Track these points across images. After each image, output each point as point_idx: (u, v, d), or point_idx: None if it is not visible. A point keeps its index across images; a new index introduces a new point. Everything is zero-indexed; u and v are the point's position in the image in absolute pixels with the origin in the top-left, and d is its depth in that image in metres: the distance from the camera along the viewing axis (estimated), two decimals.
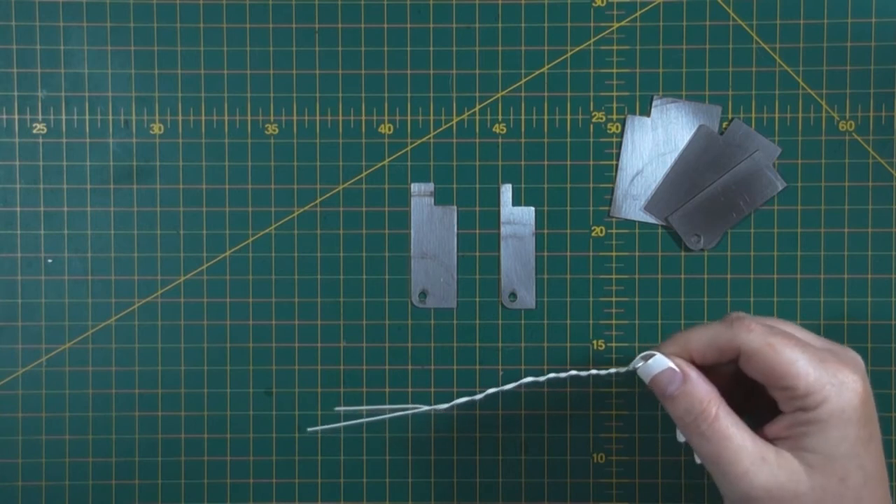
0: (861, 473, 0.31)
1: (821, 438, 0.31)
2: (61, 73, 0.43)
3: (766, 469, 0.31)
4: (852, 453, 0.30)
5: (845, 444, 0.30)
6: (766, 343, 0.31)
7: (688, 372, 0.33)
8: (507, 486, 0.43)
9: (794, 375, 0.31)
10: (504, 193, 0.43)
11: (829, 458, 0.31)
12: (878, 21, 0.43)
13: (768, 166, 0.43)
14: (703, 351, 0.33)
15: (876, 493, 0.31)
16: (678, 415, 0.32)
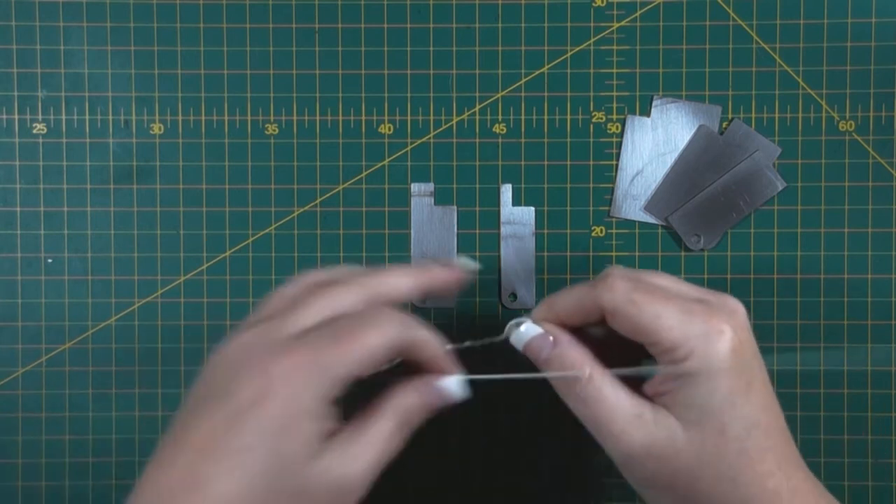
0: (741, 424, 0.30)
1: (691, 391, 0.30)
2: (61, 73, 0.43)
3: (642, 427, 0.31)
4: (727, 404, 0.30)
5: (717, 396, 0.30)
6: (628, 300, 0.31)
7: (558, 336, 0.33)
8: (506, 486, 0.43)
9: (657, 330, 0.30)
10: (504, 193, 0.43)
11: (703, 411, 0.30)
12: (878, 21, 0.43)
13: (768, 166, 0.43)
14: (571, 313, 0.33)
15: (763, 443, 0.30)
16: (553, 379, 0.32)
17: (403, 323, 0.31)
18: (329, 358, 0.29)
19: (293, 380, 0.29)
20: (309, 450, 0.29)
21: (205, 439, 0.29)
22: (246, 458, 0.28)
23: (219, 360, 0.30)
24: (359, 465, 0.30)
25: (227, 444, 0.29)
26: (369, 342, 0.29)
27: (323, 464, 0.29)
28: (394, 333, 0.30)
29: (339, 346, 0.29)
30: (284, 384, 0.29)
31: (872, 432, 0.43)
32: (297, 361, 0.29)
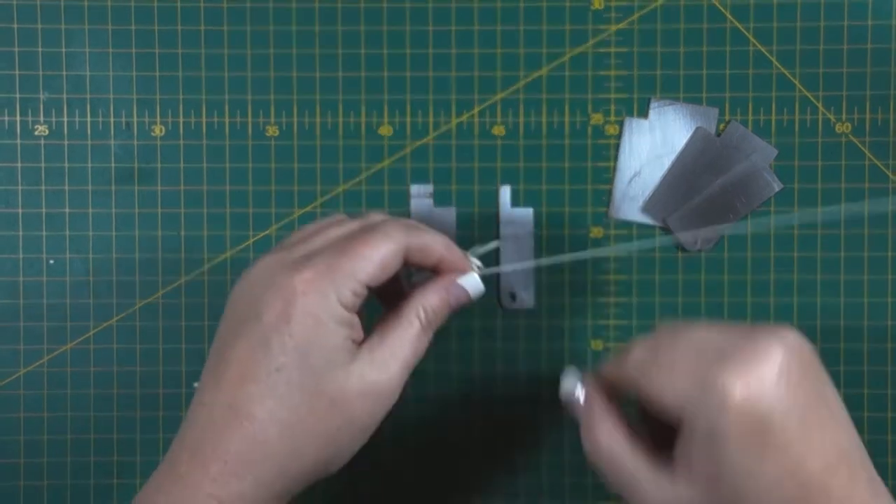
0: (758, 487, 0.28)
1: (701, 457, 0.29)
2: (63, 75, 0.43)
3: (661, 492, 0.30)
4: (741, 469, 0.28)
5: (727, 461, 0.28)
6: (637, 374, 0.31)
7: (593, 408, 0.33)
8: (506, 485, 0.44)
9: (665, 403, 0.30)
10: (503, 195, 0.43)
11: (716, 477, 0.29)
12: (875, 24, 0.43)
13: (765, 168, 0.43)
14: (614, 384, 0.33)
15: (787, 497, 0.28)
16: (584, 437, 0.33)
17: (409, 228, 0.32)
18: (343, 267, 0.31)
19: (311, 293, 0.30)
20: (339, 358, 0.31)
21: (239, 368, 0.31)
22: (279, 378, 0.30)
23: (243, 286, 0.32)
24: (391, 370, 0.31)
25: (259, 367, 0.30)
26: (378, 248, 0.31)
27: (356, 371, 0.31)
28: (401, 238, 0.32)
29: (350, 255, 0.31)
30: (304, 299, 0.30)
31: (869, 432, 0.43)
32: (313, 275, 0.30)
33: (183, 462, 0.31)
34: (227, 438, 0.30)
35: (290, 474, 0.31)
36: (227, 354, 0.31)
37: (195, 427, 0.31)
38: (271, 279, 0.31)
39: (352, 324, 0.31)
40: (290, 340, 0.30)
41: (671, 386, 0.30)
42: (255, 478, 0.30)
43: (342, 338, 0.31)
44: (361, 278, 0.31)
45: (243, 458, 0.30)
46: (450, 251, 0.34)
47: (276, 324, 0.30)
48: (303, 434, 0.31)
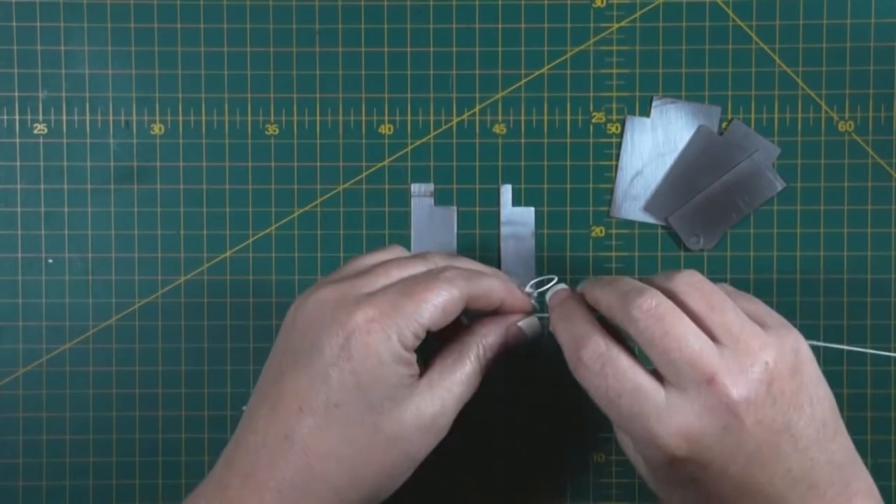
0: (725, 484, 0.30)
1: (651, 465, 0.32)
2: (62, 73, 0.43)
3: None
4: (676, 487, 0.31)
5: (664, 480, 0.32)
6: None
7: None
8: (506, 485, 0.43)
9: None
10: (504, 194, 0.43)
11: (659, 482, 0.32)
12: (878, 22, 0.43)
13: (768, 166, 0.43)
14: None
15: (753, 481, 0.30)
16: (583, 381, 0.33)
17: (471, 275, 0.33)
18: (406, 309, 0.31)
19: (374, 332, 0.31)
20: (397, 395, 0.31)
21: (297, 400, 0.31)
22: (338, 413, 0.31)
23: (300, 317, 0.32)
24: (447, 406, 0.32)
25: (318, 401, 0.31)
26: (441, 295, 0.32)
27: (413, 406, 0.31)
28: (464, 286, 0.32)
29: (415, 298, 0.31)
30: (367, 337, 0.30)
31: (872, 432, 0.43)
32: (375, 314, 0.31)
33: (234, 487, 0.31)
34: (282, 468, 0.31)
35: (347, 502, 0.32)
36: (285, 385, 0.31)
37: (247, 453, 0.31)
38: (333, 313, 0.31)
39: (410, 362, 0.32)
40: (350, 378, 0.30)
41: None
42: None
43: (401, 376, 0.31)
44: (423, 322, 0.31)
45: (299, 490, 0.31)
46: (511, 295, 0.34)
47: (337, 360, 0.31)
48: (361, 467, 0.31)
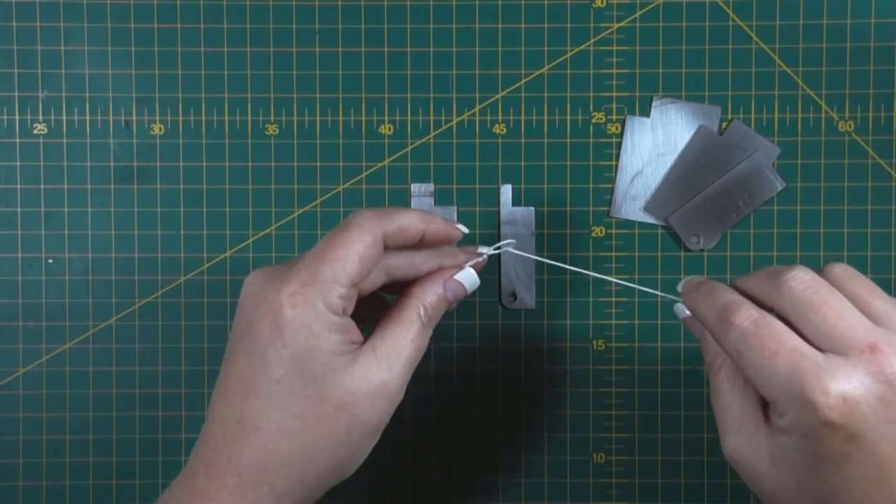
0: (819, 487, 0.29)
1: (781, 438, 0.30)
2: (62, 73, 0.43)
3: (739, 437, 0.31)
4: (810, 466, 0.29)
5: (799, 456, 0.29)
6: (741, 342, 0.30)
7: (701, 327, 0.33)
8: (507, 485, 0.43)
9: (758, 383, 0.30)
10: (504, 194, 0.43)
11: (787, 460, 0.30)
12: (877, 22, 0.43)
13: (768, 166, 0.43)
14: None
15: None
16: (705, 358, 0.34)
17: (381, 214, 0.32)
18: (323, 274, 0.31)
19: (299, 305, 0.30)
20: (338, 362, 0.31)
21: (241, 383, 0.31)
22: (280, 389, 0.31)
23: (239, 303, 0.33)
24: (395, 369, 0.32)
25: (259, 381, 0.31)
26: (353, 246, 0.31)
27: (359, 372, 0.31)
28: (373, 227, 0.32)
29: (327, 260, 0.31)
30: (293, 311, 0.30)
31: None
32: (296, 286, 0.31)
33: (200, 475, 0.31)
34: (238, 451, 0.31)
35: (307, 481, 0.31)
36: (230, 370, 0.32)
37: (209, 441, 0.32)
38: (261, 294, 0.31)
39: (346, 327, 0.31)
40: (285, 352, 0.31)
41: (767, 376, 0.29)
42: (272, 487, 0.31)
43: (337, 343, 0.31)
44: (344, 281, 0.31)
45: (257, 470, 0.31)
46: (431, 223, 0.33)
47: (270, 337, 0.31)
48: (313, 440, 0.31)
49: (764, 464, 0.30)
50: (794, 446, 0.29)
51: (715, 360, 0.33)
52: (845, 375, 0.28)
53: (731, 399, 0.32)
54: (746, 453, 0.31)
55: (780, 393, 0.29)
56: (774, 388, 0.29)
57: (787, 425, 0.29)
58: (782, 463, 0.30)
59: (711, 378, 0.33)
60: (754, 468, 0.31)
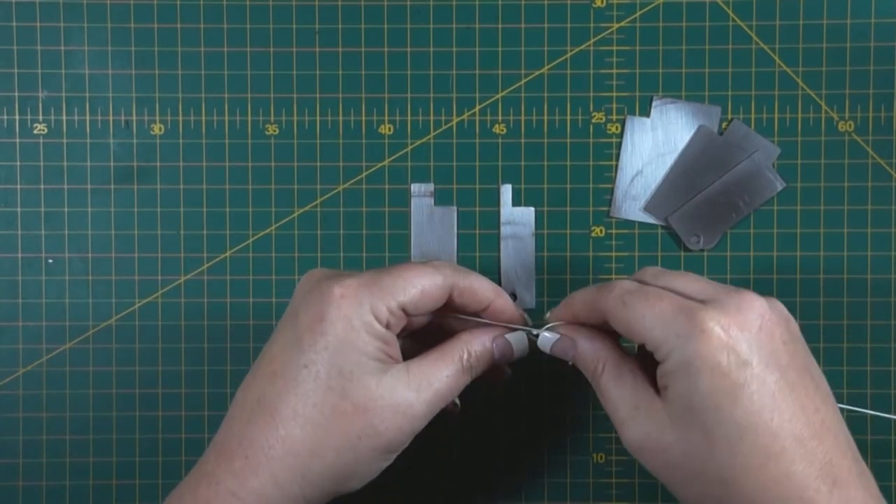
0: (731, 429, 0.29)
1: (675, 390, 0.30)
2: (62, 73, 0.43)
3: (637, 420, 0.31)
4: (710, 405, 0.29)
5: (698, 397, 0.29)
6: (620, 301, 0.32)
7: (574, 339, 0.34)
8: (507, 485, 0.43)
9: (641, 331, 0.31)
10: (504, 194, 0.43)
11: (687, 410, 0.30)
12: (878, 22, 0.43)
13: (768, 166, 0.43)
14: (585, 314, 0.34)
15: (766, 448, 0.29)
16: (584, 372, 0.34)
17: (459, 270, 0.34)
18: (384, 282, 0.32)
19: (348, 298, 0.32)
20: (368, 366, 0.32)
21: (271, 365, 0.32)
22: (307, 375, 0.31)
23: (294, 295, 0.34)
24: (423, 394, 0.32)
25: (289, 364, 0.32)
26: (422, 276, 0.33)
27: (386, 384, 0.32)
28: (448, 273, 0.33)
29: (394, 274, 0.32)
30: (340, 302, 0.32)
31: (872, 433, 0.43)
32: (353, 284, 0.32)
33: (210, 461, 0.32)
34: (250, 432, 0.31)
35: (308, 477, 0.31)
36: (264, 354, 0.33)
37: (225, 427, 0.33)
38: (316, 285, 0.33)
39: (386, 339, 0.32)
40: (321, 339, 0.31)
41: (655, 317, 0.30)
42: (273, 476, 0.31)
43: (374, 347, 0.32)
44: (400, 298, 0.32)
45: (265, 454, 0.31)
46: (500, 298, 0.35)
47: (310, 324, 0.32)
48: (324, 435, 0.31)
49: (667, 433, 0.30)
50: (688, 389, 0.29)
51: (596, 365, 0.33)
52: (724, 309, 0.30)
53: (620, 392, 0.32)
54: (650, 431, 0.31)
55: (665, 331, 0.30)
56: (658, 328, 0.30)
57: (676, 365, 0.30)
58: (683, 418, 0.30)
59: (596, 383, 0.33)
60: (660, 443, 0.31)
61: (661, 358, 0.30)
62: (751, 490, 0.29)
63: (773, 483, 0.29)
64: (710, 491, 0.30)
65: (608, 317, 0.32)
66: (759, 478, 0.29)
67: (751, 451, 0.29)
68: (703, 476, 0.30)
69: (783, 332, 0.30)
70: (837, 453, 0.30)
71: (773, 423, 0.29)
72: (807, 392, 0.30)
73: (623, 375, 0.32)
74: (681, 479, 0.31)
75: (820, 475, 0.29)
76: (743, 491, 0.29)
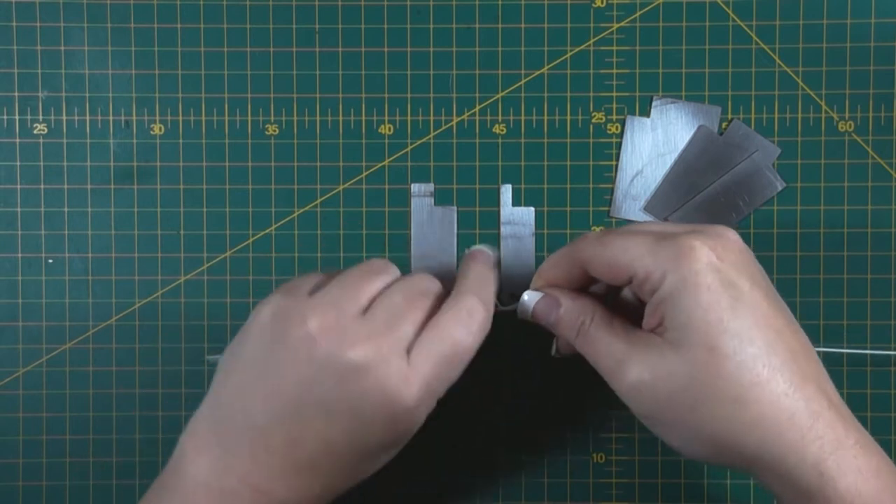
0: (731, 339, 0.29)
1: (673, 313, 0.30)
2: (62, 73, 0.43)
3: (635, 359, 0.31)
4: (713, 320, 0.29)
5: (698, 312, 0.29)
6: (597, 243, 0.32)
7: (557, 297, 0.34)
8: (507, 485, 0.43)
9: (628, 263, 0.30)
10: (504, 194, 0.43)
11: (687, 329, 0.29)
12: (878, 21, 0.43)
13: (768, 166, 0.43)
14: (560, 276, 0.34)
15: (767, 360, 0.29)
16: (566, 335, 0.34)
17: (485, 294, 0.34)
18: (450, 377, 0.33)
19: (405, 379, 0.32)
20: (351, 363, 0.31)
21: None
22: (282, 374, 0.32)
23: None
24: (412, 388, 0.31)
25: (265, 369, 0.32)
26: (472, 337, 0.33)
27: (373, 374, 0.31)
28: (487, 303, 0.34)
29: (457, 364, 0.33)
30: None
31: (872, 432, 0.43)
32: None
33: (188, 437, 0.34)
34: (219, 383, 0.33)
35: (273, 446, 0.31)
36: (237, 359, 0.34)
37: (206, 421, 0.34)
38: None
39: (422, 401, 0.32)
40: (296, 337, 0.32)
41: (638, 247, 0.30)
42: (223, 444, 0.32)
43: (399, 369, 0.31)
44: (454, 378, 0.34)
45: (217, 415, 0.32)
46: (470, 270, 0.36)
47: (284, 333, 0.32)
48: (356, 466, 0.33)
49: (669, 358, 0.30)
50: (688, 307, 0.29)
51: (584, 319, 0.33)
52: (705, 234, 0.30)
53: (612, 338, 0.32)
54: (649, 363, 0.30)
55: (654, 259, 0.30)
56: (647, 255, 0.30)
57: (671, 288, 0.30)
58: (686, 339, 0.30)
59: (585, 337, 0.33)
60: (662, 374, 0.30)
61: (653, 285, 0.30)
62: (762, 404, 0.29)
63: (783, 395, 0.29)
64: (718, 412, 0.29)
65: (588, 263, 0.32)
66: (768, 390, 0.29)
67: (755, 362, 0.29)
68: (712, 398, 0.29)
69: (754, 260, 0.32)
70: (821, 375, 0.31)
71: (770, 336, 0.29)
72: (785, 314, 0.31)
73: (613, 323, 0.32)
74: (686, 411, 0.30)
75: (818, 391, 0.30)
76: (754, 406, 0.29)
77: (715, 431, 0.30)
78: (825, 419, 0.29)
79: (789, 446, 0.29)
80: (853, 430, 0.30)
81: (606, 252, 0.31)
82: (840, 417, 0.30)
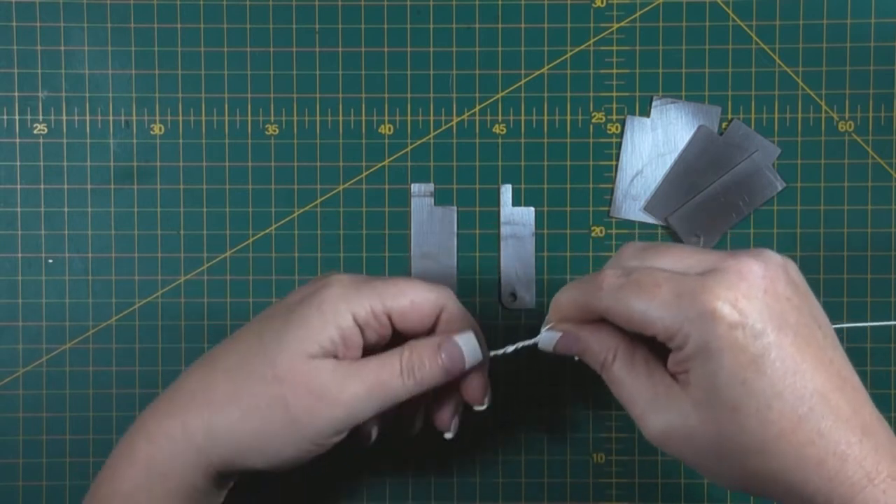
0: (757, 399, 0.29)
1: (697, 373, 0.29)
2: (62, 73, 0.43)
3: (658, 410, 0.30)
4: (736, 381, 0.29)
5: (722, 375, 0.29)
6: (613, 299, 0.31)
7: (577, 334, 0.33)
8: (507, 485, 0.43)
9: (649, 323, 0.30)
10: (504, 194, 0.43)
11: (712, 390, 0.29)
12: (878, 21, 0.43)
13: (768, 166, 0.43)
14: (579, 317, 0.33)
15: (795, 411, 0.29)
16: (592, 367, 0.33)
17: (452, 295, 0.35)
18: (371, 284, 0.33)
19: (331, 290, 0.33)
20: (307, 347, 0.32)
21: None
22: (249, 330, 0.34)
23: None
24: (347, 388, 0.32)
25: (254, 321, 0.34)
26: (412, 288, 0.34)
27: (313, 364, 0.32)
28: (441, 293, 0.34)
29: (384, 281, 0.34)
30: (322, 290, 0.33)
31: None
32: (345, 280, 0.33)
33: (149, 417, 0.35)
34: (186, 377, 0.34)
35: (214, 432, 0.32)
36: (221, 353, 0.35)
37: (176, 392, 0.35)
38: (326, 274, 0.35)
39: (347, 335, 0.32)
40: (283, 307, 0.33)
41: (657, 307, 0.30)
42: (183, 421, 0.32)
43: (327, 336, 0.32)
44: (388, 303, 0.33)
45: (187, 398, 0.33)
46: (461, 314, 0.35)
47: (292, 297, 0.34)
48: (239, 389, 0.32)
49: (692, 417, 0.30)
50: (712, 370, 0.29)
51: (606, 356, 0.32)
52: (726, 282, 0.29)
53: (634, 381, 0.31)
54: (673, 420, 0.30)
55: (674, 319, 0.29)
56: (667, 317, 0.29)
57: (694, 351, 0.29)
58: (709, 399, 0.29)
59: (608, 374, 0.32)
60: (686, 429, 0.30)
61: (676, 345, 0.30)
62: (787, 456, 0.29)
63: (808, 444, 0.29)
64: (745, 464, 0.29)
65: (606, 316, 0.32)
66: (793, 441, 0.29)
67: (781, 416, 0.29)
68: (737, 452, 0.29)
69: (785, 286, 0.30)
70: (857, 401, 0.30)
71: (797, 384, 0.29)
72: (819, 345, 0.30)
73: (636, 363, 0.32)
74: (713, 461, 0.30)
75: (848, 427, 0.29)
76: (779, 457, 0.29)
77: (742, 477, 0.30)
78: (854, 458, 0.29)
79: (817, 489, 0.29)
80: (886, 459, 0.29)
81: (624, 310, 0.30)
82: (873, 449, 0.29)
